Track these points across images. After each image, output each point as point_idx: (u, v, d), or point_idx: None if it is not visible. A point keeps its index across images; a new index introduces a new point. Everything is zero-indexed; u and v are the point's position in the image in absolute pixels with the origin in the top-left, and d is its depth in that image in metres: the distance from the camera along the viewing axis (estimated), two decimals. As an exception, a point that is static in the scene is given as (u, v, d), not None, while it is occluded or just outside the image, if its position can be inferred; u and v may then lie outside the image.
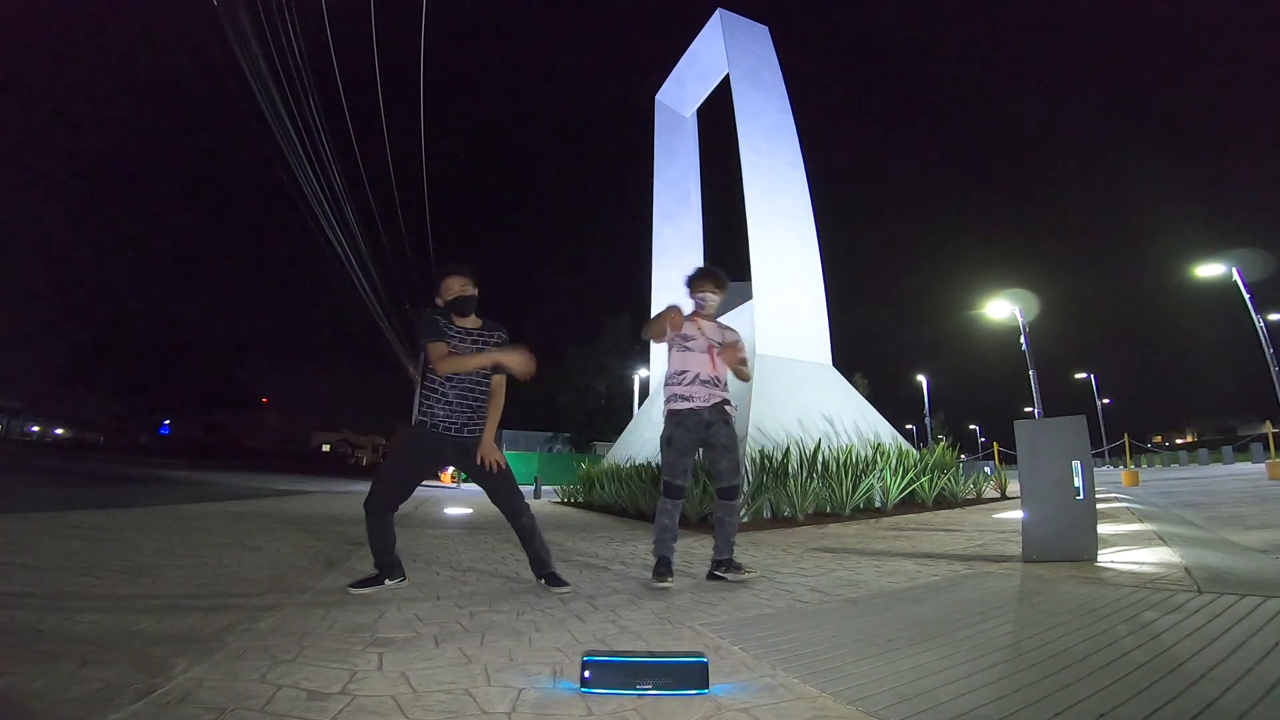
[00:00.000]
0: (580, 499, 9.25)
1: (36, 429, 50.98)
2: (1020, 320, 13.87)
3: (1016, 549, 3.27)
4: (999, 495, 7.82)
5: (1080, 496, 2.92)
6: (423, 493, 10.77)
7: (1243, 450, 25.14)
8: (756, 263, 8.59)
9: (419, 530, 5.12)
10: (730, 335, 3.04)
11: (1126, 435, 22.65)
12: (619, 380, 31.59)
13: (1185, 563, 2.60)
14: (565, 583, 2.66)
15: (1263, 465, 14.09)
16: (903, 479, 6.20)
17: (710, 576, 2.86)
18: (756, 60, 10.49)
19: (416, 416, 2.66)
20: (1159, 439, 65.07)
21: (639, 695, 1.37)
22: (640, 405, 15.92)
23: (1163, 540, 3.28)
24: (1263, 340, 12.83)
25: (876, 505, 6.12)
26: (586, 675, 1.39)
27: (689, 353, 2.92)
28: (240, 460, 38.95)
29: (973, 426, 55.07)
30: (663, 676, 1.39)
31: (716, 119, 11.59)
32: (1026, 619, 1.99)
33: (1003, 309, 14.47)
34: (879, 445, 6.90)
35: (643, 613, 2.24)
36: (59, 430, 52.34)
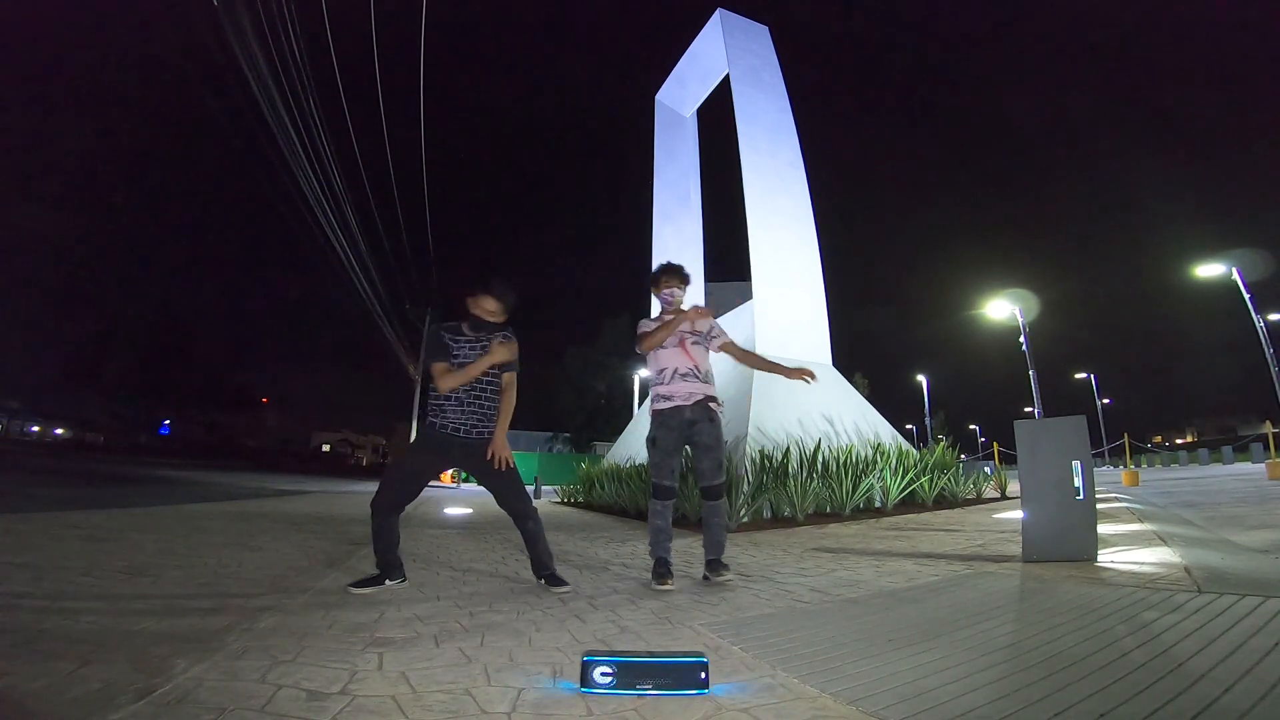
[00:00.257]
0: (580, 499, 9.25)
1: (36, 429, 50.97)
2: (1020, 320, 13.87)
3: (1016, 549, 3.27)
4: (999, 495, 7.82)
5: (1080, 496, 2.92)
6: (423, 493, 10.76)
7: (1243, 450, 25.13)
8: (756, 263, 8.59)
9: (419, 530, 5.12)
10: (703, 325, 2.97)
11: (1126, 435, 22.66)
12: (619, 380, 31.59)
13: (1185, 563, 2.60)
14: (565, 582, 2.66)
15: (1263, 465, 14.09)
16: (903, 479, 6.20)
17: (704, 578, 2.86)
18: (756, 60, 10.50)
19: (428, 418, 2.68)
20: (1159, 439, 65.15)
21: (639, 695, 1.37)
22: (640, 405, 15.93)
23: (1162, 540, 3.28)
24: (1263, 340, 12.83)
25: (876, 505, 6.12)
26: (591, 675, 1.39)
27: (663, 350, 2.93)
28: (240, 460, 38.92)
29: (973, 426, 55.12)
30: (663, 676, 1.39)
31: (716, 119, 11.60)
32: (1026, 619, 1.99)
33: (1003, 309, 14.47)
34: (879, 445, 6.90)
35: (643, 613, 2.24)
36: (59, 430, 52.34)
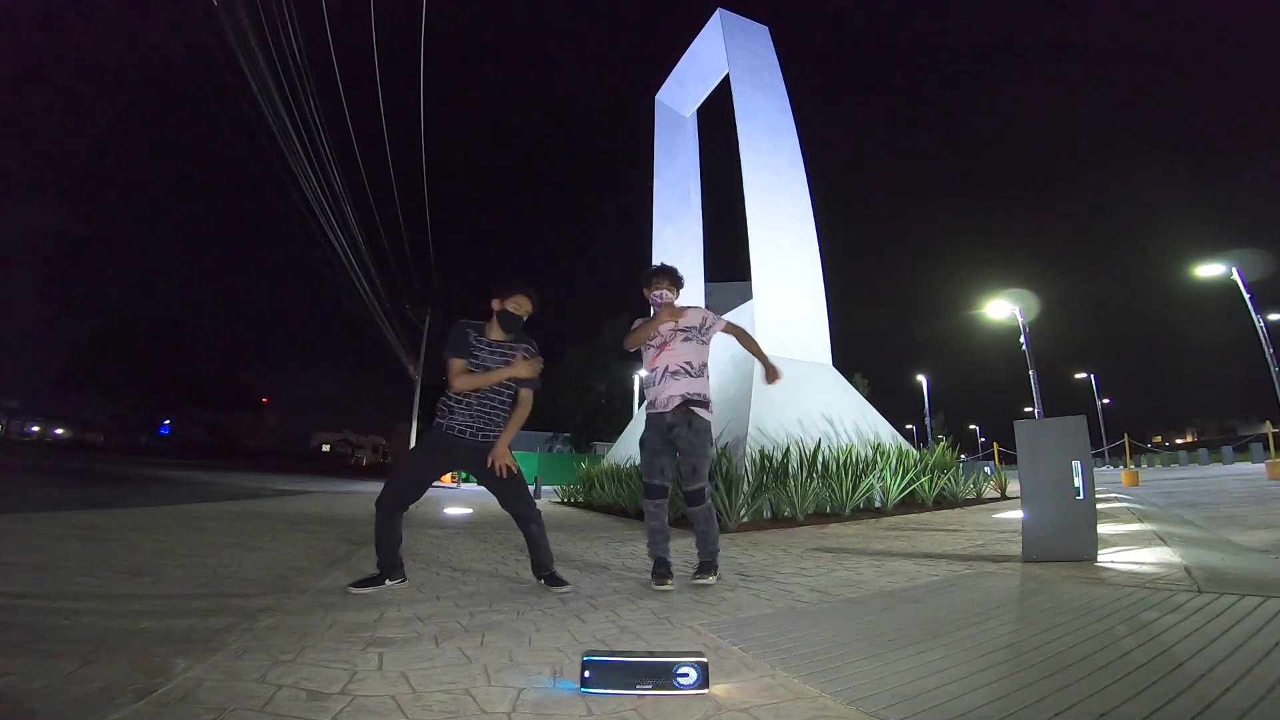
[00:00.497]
0: (580, 499, 9.25)
1: (36, 429, 50.95)
2: (1020, 320, 13.88)
3: (1016, 549, 3.27)
4: (999, 495, 7.82)
5: (1080, 496, 2.92)
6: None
7: (1243, 450, 25.14)
8: (756, 263, 8.59)
9: (419, 530, 5.12)
10: (691, 320, 2.97)
11: (1126, 435, 22.67)
12: (619, 380, 31.59)
13: (1185, 563, 2.60)
14: (565, 582, 2.66)
15: (1263, 465, 14.09)
16: (903, 479, 6.19)
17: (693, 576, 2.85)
18: (756, 60, 10.50)
19: (436, 418, 2.69)
20: (1159, 439, 65.15)
21: (639, 695, 1.37)
22: (640, 405, 15.93)
23: (1163, 540, 3.28)
24: (1263, 340, 12.83)
25: (876, 505, 6.12)
26: (586, 675, 1.39)
27: (650, 350, 2.97)
28: (240, 460, 38.93)
29: (973, 426, 55.12)
30: (663, 676, 1.39)
31: (716, 119, 11.60)
32: (1026, 619, 1.99)
33: (1003, 309, 14.47)
34: (879, 445, 6.90)
35: (642, 613, 2.24)
36: (59, 430, 52.32)
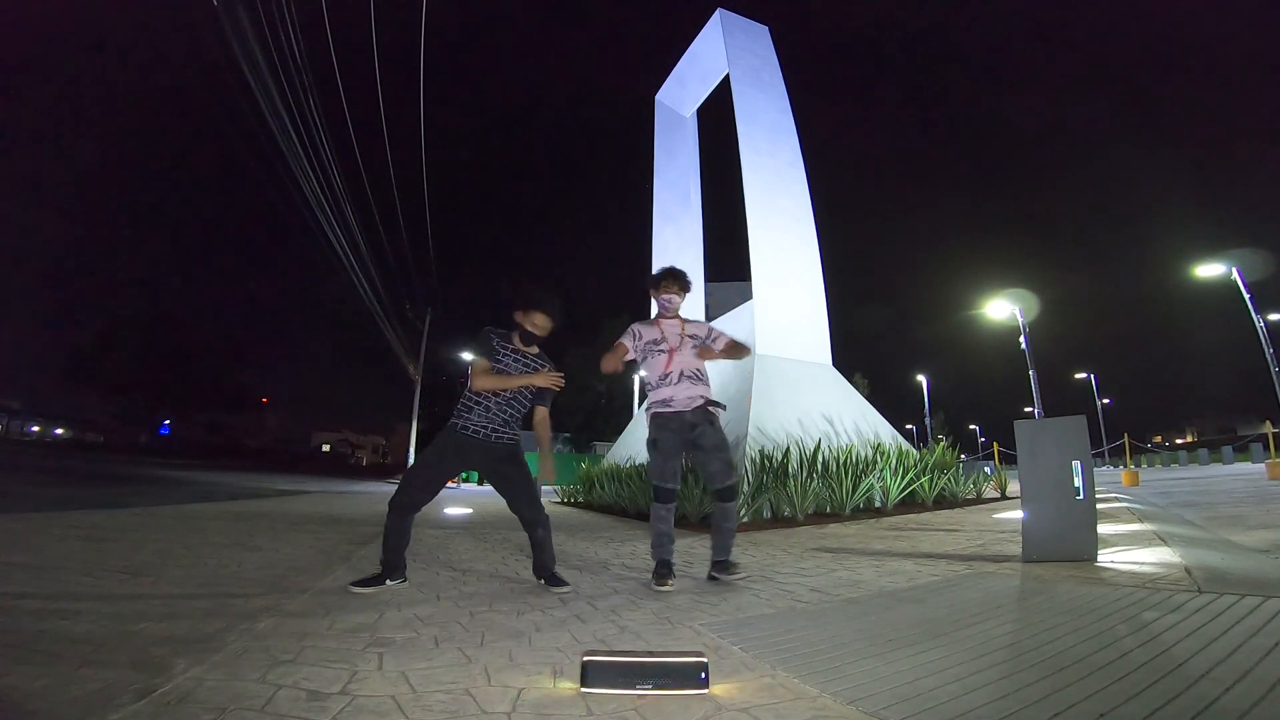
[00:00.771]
0: (580, 499, 9.25)
1: (36, 429, 50.95)
2: (1020, 320, 13.88)
3: (1016, 549, 3.27)
4: (999, 495, 7.82)
5: (1080, 496, 2.92)
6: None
7: (1243, 450, 25.12)
8: (756, 263, 8.59)
9: (419, 530, 5.10)
10: (696, 330, 2.99)
11: (1126, 435, 22.60)
12: (619, 380, 31.57)
13: (1185, 563, 2.60)
14: (565, 582, 2.66)
15: (1263, 465, 14.08)
16: (903, 479, 6.19)
17: (710, 578, 2.87)
18: (756, 60, 10.50)
19: (452, 419, 2.71)
20: (1159, 439, 65.12)
21: (639, 695, 1.37)
22: (640, 405, 15.93)
23: (1163, 540, 3.28)
24: (1263, 340, 12.83)
25: (876, 505, 6.12)
26: (586, 675, 1.39)
27: (660, 355, 2.92)
28: (240, 460, 38.94)
29: (973, 426, 55.13)
30: (662, 676, 1.39)
31: (716, 119, 11.60)
32: (1026, 619, 1.99)
33: (1003, 309, 14.47)
34: (879, 445, 6.90)
35: (643, 613, 2.24)
36: (59, 430, 52.32)
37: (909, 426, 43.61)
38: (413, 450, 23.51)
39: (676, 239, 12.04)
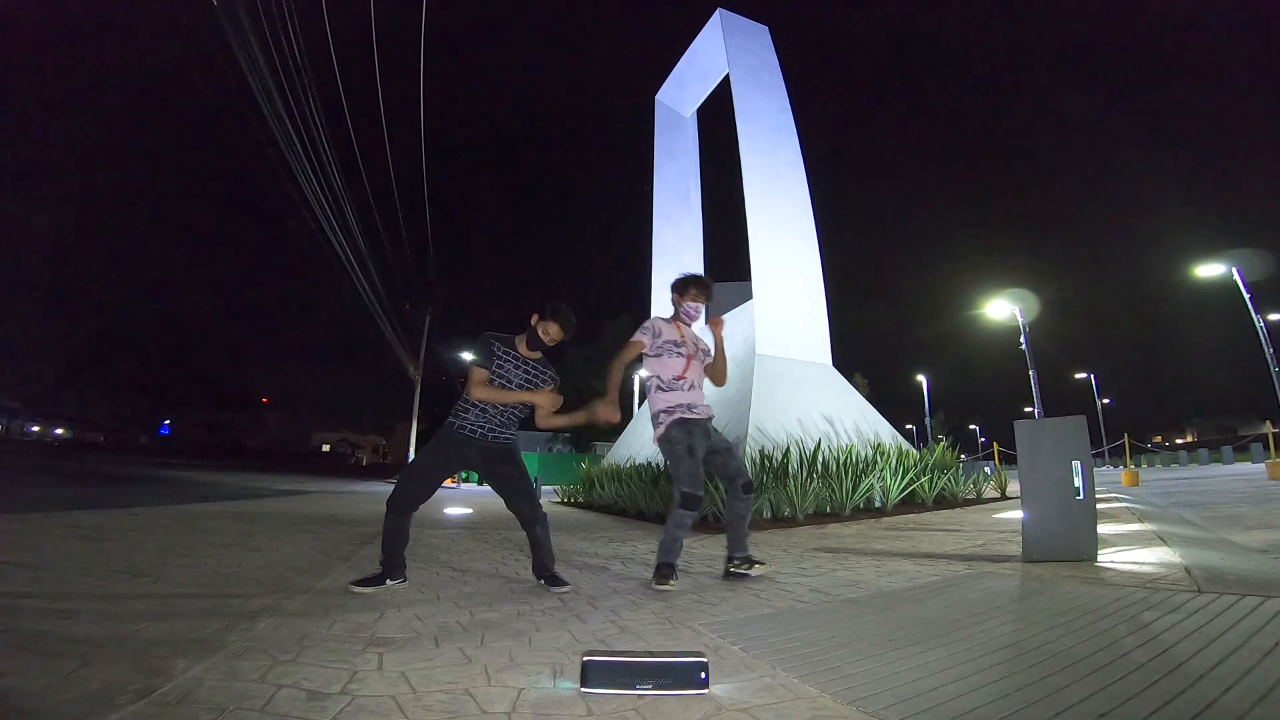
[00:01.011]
0: (580, 499, 9.24)
1: (36, 429, 50.98)
2: (1020, 320, 13.88)
3: (1016, 549, 3.27)
4: (999, 495, 7.82)
5: (1080, 496, 2.92)
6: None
7: (1243, 450, 25.10)
8: (756, 263, 8.59)
9: (419, 530, 5.11)
10: (704, 345, 3.08)
11: (1126, 435, 22.58)
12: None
13: (1185, 563, 2.60)
14: (565, 582, 2.66)
15: (1262, 465, 14.08)
16: (903, 479, 6.19)
17: (728, 575, 2.85)
18: (756, 60, 10.50)
19: (449, 418, 2.71)
20: (1159, 439, 65.08)
21: (639, 695, 1.37)
22: (640, 405, 15.92)
23: (1163, 540, 3.28)
24: (1263, 340, 12.83)
25: (876, 505, 6.12)
26: (586, 675, 1.39)
27: (679, 358, 2.91)
28: (240, 460, 38.94)
29: (973, 426, 55.14)
30: (663, 676, 1.39)
31: (716, 119, 11.60)
32: (1026, 619, 1.99)
33: (1003, 309, 14.48)
34: (879, 445, 6.90)
35: (643, 613, 2.24)
36: (59, 430, 52.35)
37: (909, 426, 43.69)
38: (413, 450, 23.53)
39: (676, 239, 12.04)
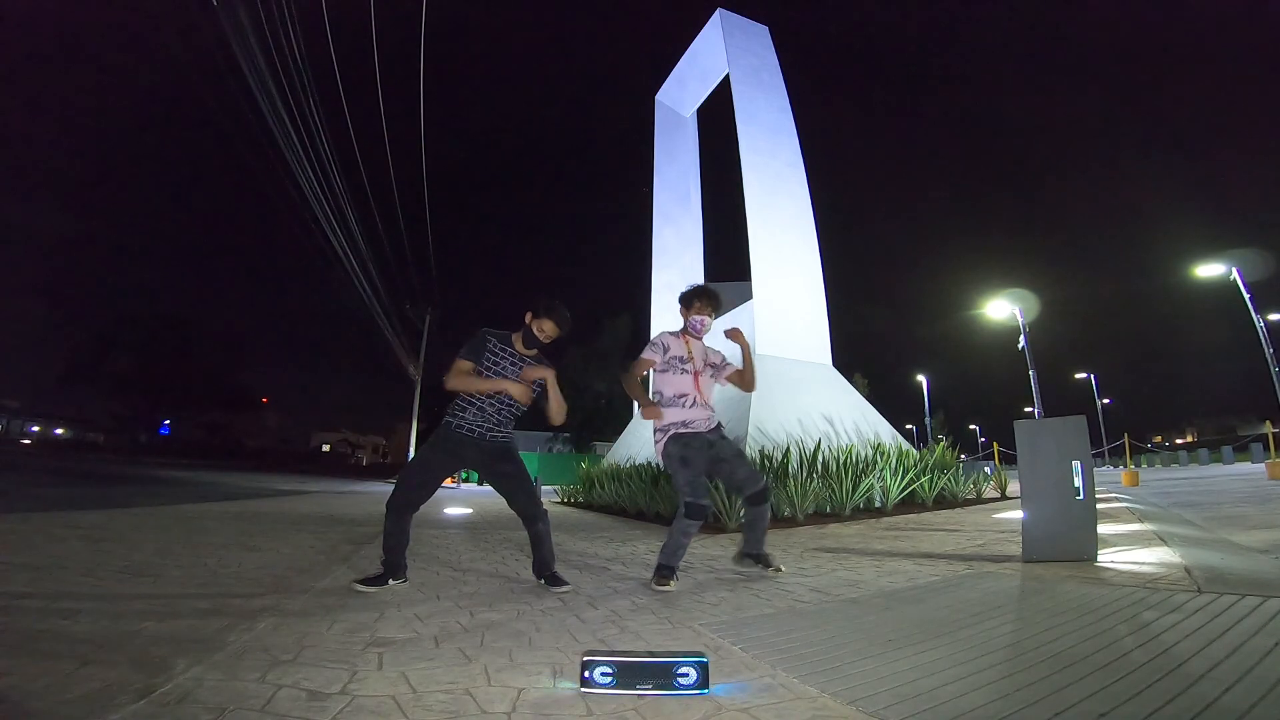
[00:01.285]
0: (580, 499, 9.25)
1: (36, 429, 50.95)
2: (1020, 320, 13.88)
3: (1016, 549, 3.27)
4: (999, 495, 7.81)
5: (1080, 496, 2.92)
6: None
7: (1243, 450, 25.11)
8: (756, 263, 8.60)
9: (419, 530, 5.11)
10: (715, 356, 3.05)
11: (1126, 435, 22.56)
12: (619, 380, 31.54)
13: (1185, 563, 2.60)
14: (565, 583, 2.66)
15: (1263, 465, 14.07)
16: (903, 479, 6.19)
17: (741, 559, 2.97)
18: (756, 60, 10.50)
19: (445, 417, 2.71)
20: (1159, 439, 65.06)
21: (639, 695, 1.37)
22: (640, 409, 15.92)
23: (1163, 540, 3.28)
24: (1263, 340, 12.84)
25: (876, 505, 6.12)
26: (586, 675, 1.39)
27: (685, 375, 2.90)
28: (240, 460, 38.95)
29: (973, 426, 55.08)
30: (663, 676, 1.39)
31: (716, 119, 11.60)
32: (1026, 619, 1.99)
33: (1003, 309, 14.48)
34: (879, 445, 6.90)
35: (643, 613, 2.24)
36: (59, 430, 52.32)
37: (909, 426, 43.66)
38: (413, 450, 23.53)
39: (676, 239, 12.04)
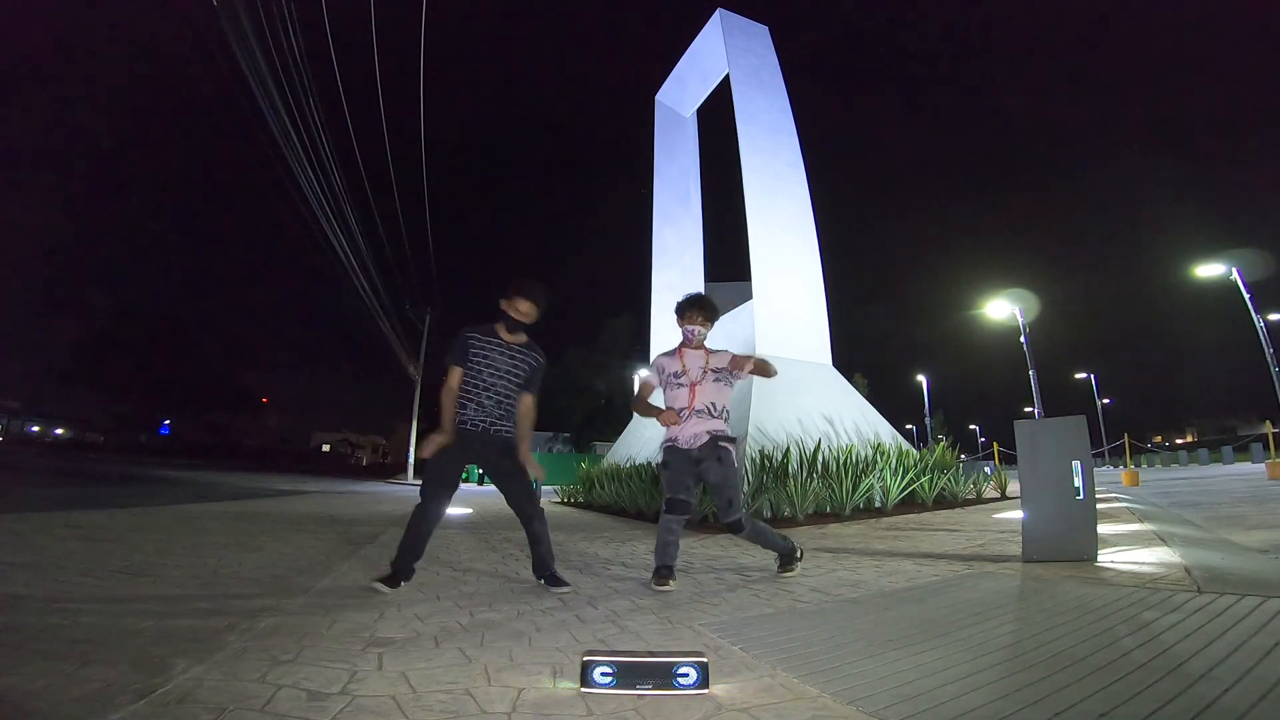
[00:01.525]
0: (580, 499, 9.25)
1: (36, 429, 50.94)
2: (1020, 320, 13.88)
3: (1016, 549, 3.27)
4: (999, 495, 7.82)
5: (1080, 496, 2.92)
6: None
7: (1243, 450, 25.12)
8: (756, 263, 8.59)
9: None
10: (720, 360, 2.99)
11: (1126, 435, 22.59)
12: (619, 380, 31.55)
13: (1185, 563, 2.60)
14: (565, 583, 2.66)
15: (1263, 465, 14.08)
16: (903, 479, 6.19)
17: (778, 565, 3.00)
18: (756, 60, 10.49)
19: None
20: (1159, 439, 65.06)
21: (639, 695, 1.37)
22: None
23: (1163, 540, 3.28)
24: (1263, 340, 12.84)
25: (876, 505, 6.12)
26: (586, 675, 1.39)
27: (682, 389, 2.92)
28: (240, 460, 38.96)
29: (973, 426, 55.10)
30: (663, 676, 1.39)
31: (716, 119, 11.60)
32: (1026, 619, 1.99)
33: (1003, 309, 14.49)
34: (879, 445, 6.89)
35: (642, 613, 2.24)
36: (59, 430, 52.30)
37: (909, 426, 43.66)
38: (413, 450, 23.54)
39: (676, 239, 12.04)
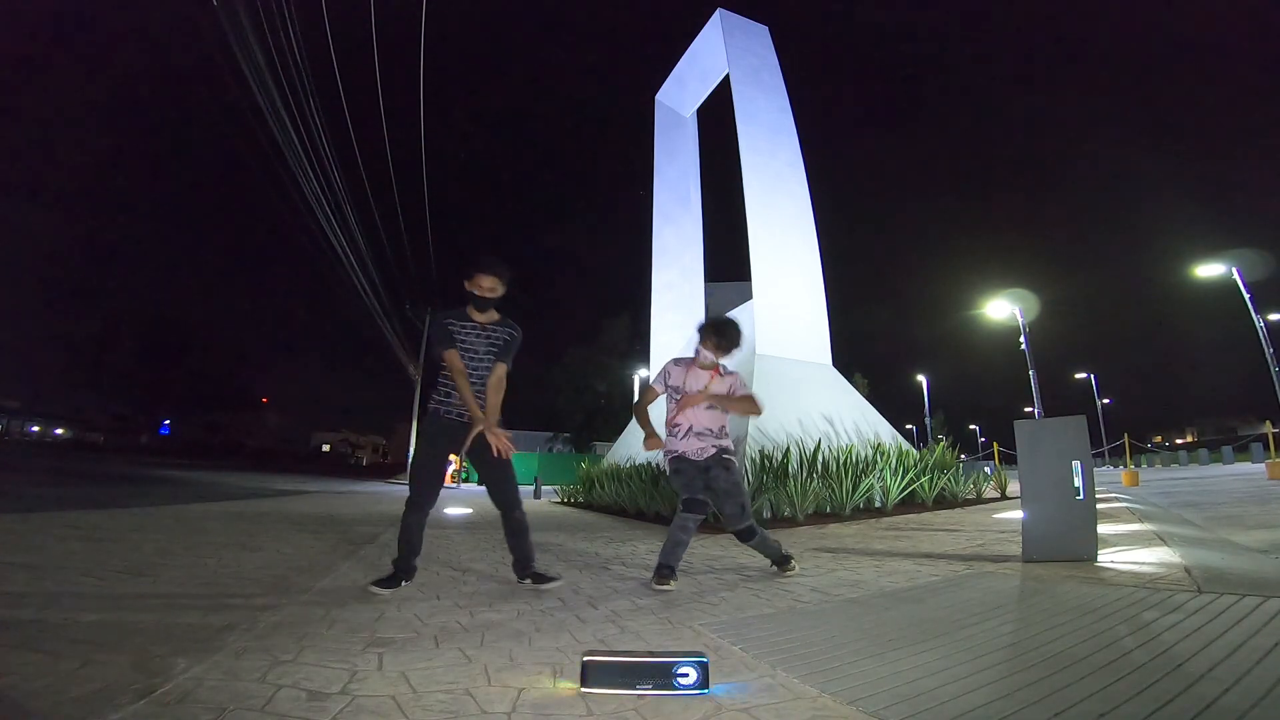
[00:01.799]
0: (580, 499, 9.24)
1: (36, 429, 50.93)
2: (1020, 320, 13.88)
3: (1016, 549, 3.27)
4: (999, 495, 7.82)
5: (1080, 496, 2.92)
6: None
7: (1243, 450, 25.13)
8: (756, 263, 8.59)
9: (419, 530, 5.11)
10: (722, 385, 2.97)
11: (1126, 435, 22.60)
12: (619, 380, 31.57)
13: (1185, 563, 2.60)
14: (553, 578, 2.68)
15: (1263, 465, 14.08)
16: (903, 479, 6.19)
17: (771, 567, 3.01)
18: (756, 60, 10.49)
19: (430, 405, 2.74)
20: (1159, 439, 65.05)
21: (639, 695, 1.37)
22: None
23: (1163, 540, 3.28)
24: (1263, 340, 12.84)
25: (876, 505, 6.12)
26: (586, 675, 1.39)
27: (675, 403, 2.94)
28: (240, 460, 38.95)
29: (973, 426, 55.03)
30: (663, 676, 1.39)
31: (716, 119, 11.59)
32: (1026, 619, 1.99)
33: (1003, 309, 14.48)
34: (879, 445, 6.90)
35: (643, 613, 2.24)
36: (59, 430, 52.30)
37: (909, 426, 43.64)
38: (412, 450, 23.52)
39: (676, 239, 12.03)
